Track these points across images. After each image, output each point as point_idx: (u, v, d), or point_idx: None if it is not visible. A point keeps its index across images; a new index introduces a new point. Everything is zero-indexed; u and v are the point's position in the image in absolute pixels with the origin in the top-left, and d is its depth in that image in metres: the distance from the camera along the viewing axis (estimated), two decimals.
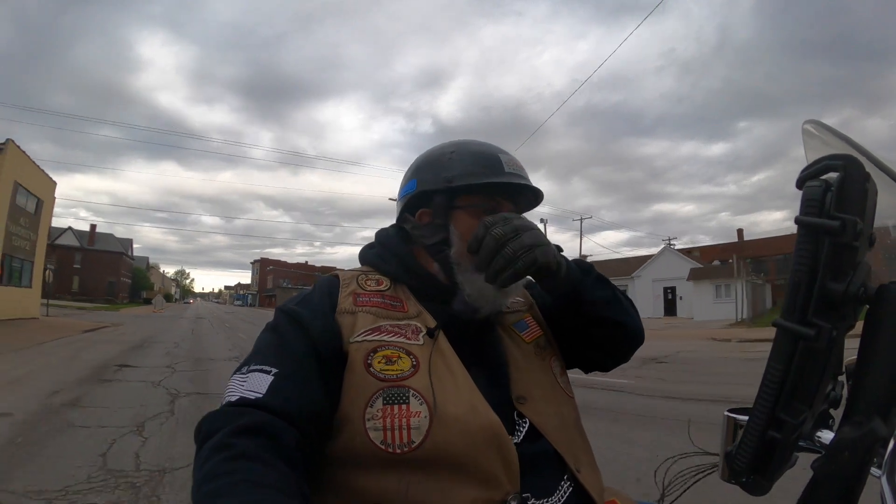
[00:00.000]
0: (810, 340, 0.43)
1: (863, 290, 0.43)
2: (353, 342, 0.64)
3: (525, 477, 0.62)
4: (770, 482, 0.51)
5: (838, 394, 0.52)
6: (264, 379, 0.58)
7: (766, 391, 0.46)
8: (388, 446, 0.57)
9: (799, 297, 0.43)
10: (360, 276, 0.75)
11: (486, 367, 0.71)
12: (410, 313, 0.71)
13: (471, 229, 0.72)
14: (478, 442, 0.59)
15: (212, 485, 0.45)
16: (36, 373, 6.71)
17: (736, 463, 0.51)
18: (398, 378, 0.61)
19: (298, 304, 0.68)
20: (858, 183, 0.43)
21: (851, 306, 0.44)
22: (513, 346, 0.75)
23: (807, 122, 0.54)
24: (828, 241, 0.42)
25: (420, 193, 0.77)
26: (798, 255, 0.43)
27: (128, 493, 2.68)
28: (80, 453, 3.32)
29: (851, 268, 0.43)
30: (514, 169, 0.76)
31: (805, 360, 0.45)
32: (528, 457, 0.64)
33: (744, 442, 0.49)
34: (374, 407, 0.59)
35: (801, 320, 0.43)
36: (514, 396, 0.68)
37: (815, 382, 0.46)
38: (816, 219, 0.42)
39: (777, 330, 0.45)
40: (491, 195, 0.76)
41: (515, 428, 0.66)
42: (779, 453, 0.48)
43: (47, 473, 2.90)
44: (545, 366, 0.76)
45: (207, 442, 0.51)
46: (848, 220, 0.41)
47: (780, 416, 0.46)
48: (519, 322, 0.80)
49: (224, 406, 0.56)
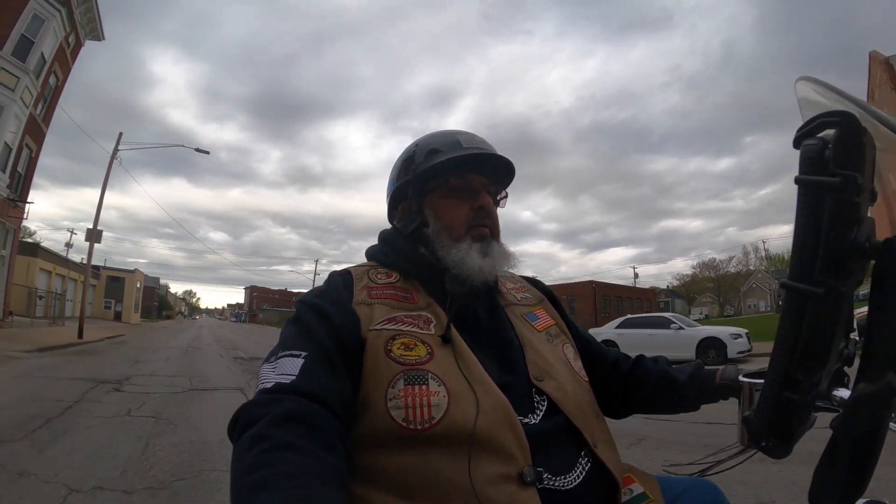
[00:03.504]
0: (819, 299, 0.43)
1: (868, 245, 0.43)
2: (371, 330, 0.67)
3: (543, 453, 0.63)
4: (790, 444, 0.51)
5: (851, 351, 0.51)
6: (295, 362, 0.59)
7: (779, 353, 0.46)
8: (410, 423, 0.59)
9: (804, 257, 0.43)
10: (370, 270, 0.79)
11: (503, 350, 0.73)
12: (420, 305, 0.73)
13: (444, 206, 0.78)
14: (492, 419, 0.61)
15: (253, 477, 0.46)
16: (181, 331, 29.47)
17: (755, 427, 0.51)
18: (417, 363, 0.64)
19: (318, 296, 0.71)
20: (856, 138, 0.42)
21: (858, 262, 0.43)
22: (526, 332, 0.78)
23: (800, 78, 0.54)
24: (829, 198, 0.42)
25: (396, 190, 0.83)
26: (800, 214, 0.43)
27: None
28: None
29: (855, 223, 0.43)
30: (474, 144, 0.80)
31: (815, 319, 0.45)
32: (547, 433, 0.65)
33: (761, 405, 0.49)
34: (395, 388, 0.61)
35: (809, 279, 0.43)
36: (533, 375, 0.71)
37: (827, 341, 0.46)
38: (816, 177, 0.42)
39: (785, 291, 0.45)
40: (458, 173, 0.79)
41: (535, 405, 0.68)
42: (796, 414, 0.48)
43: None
44: (558, 351, 0.78)
45: (246, 432, 0.51)
46: (848, 176, 0.40)
47: (795, 377, 0.46)
48: (529, 314, 0.83)
49: (259, 394, 0.57)
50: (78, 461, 3.14)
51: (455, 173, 0.79)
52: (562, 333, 0.83)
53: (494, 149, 0.82)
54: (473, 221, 0.77)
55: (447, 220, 0.78)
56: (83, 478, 2.83)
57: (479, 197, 0.79)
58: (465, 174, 0.79)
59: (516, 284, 0.90)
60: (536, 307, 0.86)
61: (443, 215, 0.78)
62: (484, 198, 0.79)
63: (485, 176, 0.81)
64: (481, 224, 0.78)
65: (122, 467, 3.04)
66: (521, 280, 0.93)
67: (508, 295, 0.85)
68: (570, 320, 0.90)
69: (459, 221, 0.77)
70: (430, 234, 0.77)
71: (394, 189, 0.83)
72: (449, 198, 0.79)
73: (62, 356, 10.36)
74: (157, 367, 8.82)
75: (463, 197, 0.79)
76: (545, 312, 0.86)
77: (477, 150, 0.78)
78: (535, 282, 0.95)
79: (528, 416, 0.66)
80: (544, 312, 0.86)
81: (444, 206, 0.78)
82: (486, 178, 0.81)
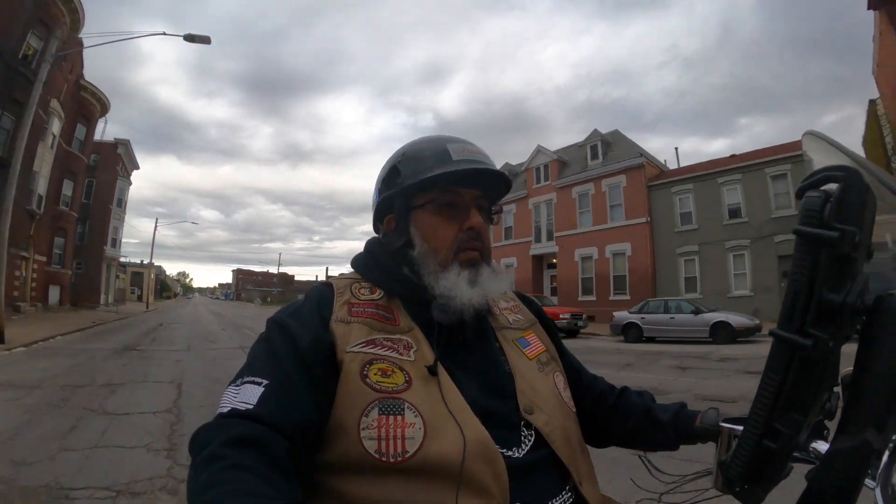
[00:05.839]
0: (807, 351, 0.43)
1: (860, 302, 0.43)
2: (348, 352, 0.64)
3: (526, 487, 0.62)
4: (764, 492, 0.51)
5: (833, 405, 0.51)
6: (255, 390, 0.59)
7: (761, 401, 0.46)
8: (382, 455, 0.57)
9: (796, 307, 0.43)
10: (354, 284, 0.75)
11: (493, 378, 0.71)
12: (402, 328, 0.70)
13: (431, 226, 0.73)
14: (470, 453, 0.59)
15: (208, 495, 0.47)
16: (184, 307, 46.35)
17: (730, 472, 0.51)
18: (393, 391, 0.61)
19: (290, 315, 0.68)
20: (858, 194, 0.43)
21: (849, 317, 0.44)
22: (517, 360, 0.75)
23: (807, 132, 0.54)
24: (826, 251, 0.42)
25: (382, 201, 0.78)
26: (796, 264, 0.43)
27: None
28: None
29: (849, 279, 0.43)
30: (465, 155, 0.74)
31: (801, 370, 0.45)
32: (532, 467, 0.64)
33: (738, 451, 0.49)
34: (369, 416, 0.59)
35: (799, 330, 0.43)
36: (522, 407, 0.68)
37: (810, 393, 0.46)
38: (815, 229, 0.42)
39: (774, 339, 0.45)
40: (447, 187, 0.74)
41: (522, 439, 0.66)
42: (773, 463, 0.48)
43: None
44: (549, 380, 0.75)
45: (202, 453, 0.52)
46: (847, 231, 0.41)
47: (776, 426, 0.46)
48: (521, 339, 0.79)
49: (217, 418, 0.58)
50: (173, 358, 8.31)
51: (444, 187, 0.74)
52: (552, 360, 0.80)
53: (488, 158, 0.77)
54: (463, 244, 0.73)
55: (434, 241, 0.73)
56: (183, 371, 6.81)
57: (470, 216, 0.74)
58: (454, 188, 0.74)
59: (509, 304, 0.86)
60: (528, 331, 0.82)
61: (430, 236, 0.73)
62: (474, 217, 0.74)
63: (476, 188, 0.76)
64: (471, 248, 0.73)
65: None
66: (515, 298, 0.90)
67: (500, 317, 0.81)
68: (560, 344, 0.88)
69: (447, 244, 0.73)
70: (415, 255, 0.73)
71: (381, 199, 0.78)
72: (436, 216, 0.73)
73: (142, 314, 25.33)
74: (186, 316, 23.01)
75: (452, 215, 0.74)
76: (537, 337, 0.82)
77: (468, 164, 0.73)
78: (528, 301, 0.92)
79: (512, 448, 0.64)
80: (536, 338, 0.82)
81: (432, 226, 0.73)
82: (478, 190, 0.76)
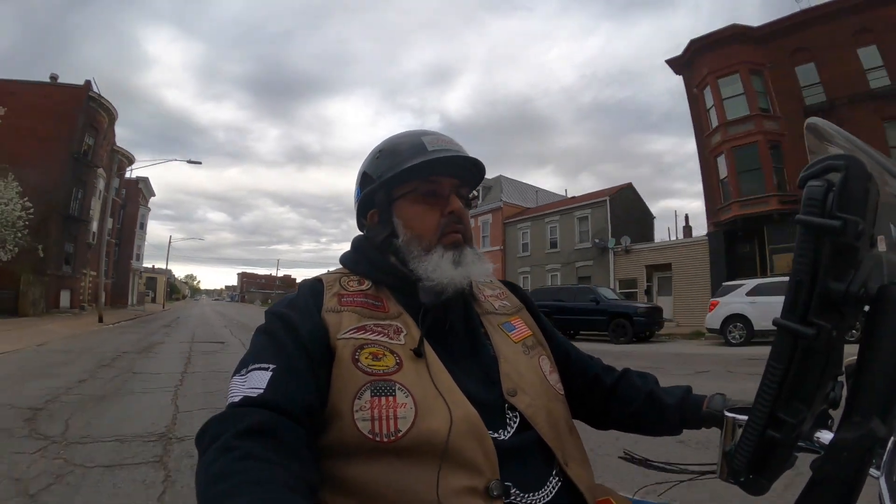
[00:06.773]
0: (810, 340, 0.43)
1: (863, 291, 0.43)
2: (340, 339, 0.66)
3: (514, 469, 0.63)
4: (769, 482, 0.51)
5: (837, 394, 0.51)
6: (264, 375, 0.60)
7: (765, 391, 0.46)
8: (376, 435, 0.59)
9: (799, 297, 0.43)
10: (342, 277, 0.77)
11: (478, 362, 0.73)
12: (391, 313, 0.72)
13: (414, 214, 0.76)
14: (457, 430, 0.61)
15: (221, 486, 0.46)
16: (193, 307, 51.72)
17: (735, 462, 0.51)
18: (384, 373, 0.63)
19: (287, 306, 0.70)
20: (861, 183, 0.43)
21: (852, 307, 0.43)
22: (502, 343, 0.77)
23: (810, 120, 0.54)
24: (829, 240, 0.42)
25: (363, 197, 0.81)
26: (799, 254, 0.43)
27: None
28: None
29: (852, 268, 0.43)
30: (440, 146, 0.78)
31: (805, 359, 0.45)
32: (518, 449, 0.65)
33: (743, 441, 0.49)
34: (362, 399, 0.61)
35: (802, 320, 0.43)
36: (506, 390, 0.70)
37: (814, 382, 0.46)
38: (817, 218, 0.42)
39: (777, 329, 0.45)
40: (425, 177, 0.77)
41: (507, 421, 0.68)
42: (778, 453, 0.48)
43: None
44: (533, 363, 0.77)
45: (213, 444, 0.52)
46: (849, 220, 0.40)
47: (780, 416, 0.46)
48: (506, 323, 0.82)
49: (228, 407, 0.58)
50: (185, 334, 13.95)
51: (423, 177, 0.77)
52: (538, 344, 0.82)
53: (462, 147, 0.80)
54: (445, 228, 0.76)
55: (417, 228, 0.76)
56: (193, 334, 13.55)
57: (450, 202, 0.77)
58: (433, 177, 0.77)
59: (495, 291, 0.88)
60: (514, 316, 0.84)
61: (413, 224, 0.76)
62: (455, 202, 0.77)
63: (454, 177, 0.79)
64: (453, 231, 0.76)
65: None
66: (501, 286, 0.91)
67: (486, 303, 0.84)
68: (549, 329, 0.89)
69: (430, 229, 0.76)
70: (399, 244, 0.76)
71: (362, 196, 0.81)
72: (418, 204, 0.77)
73: (160, 312, 31.69)
74: (195, 314, 29.68)
75: (432, 202, 0.77)
76: (522, 322, 0.84)
77: (443, 152, 0.76)
78: (514, 288, 0.94)
79: (498, 431, 0.66)
80: (522, 322, 0.84)
81: (414, 214, 0.77)
82: (456, 178, 0.79)
